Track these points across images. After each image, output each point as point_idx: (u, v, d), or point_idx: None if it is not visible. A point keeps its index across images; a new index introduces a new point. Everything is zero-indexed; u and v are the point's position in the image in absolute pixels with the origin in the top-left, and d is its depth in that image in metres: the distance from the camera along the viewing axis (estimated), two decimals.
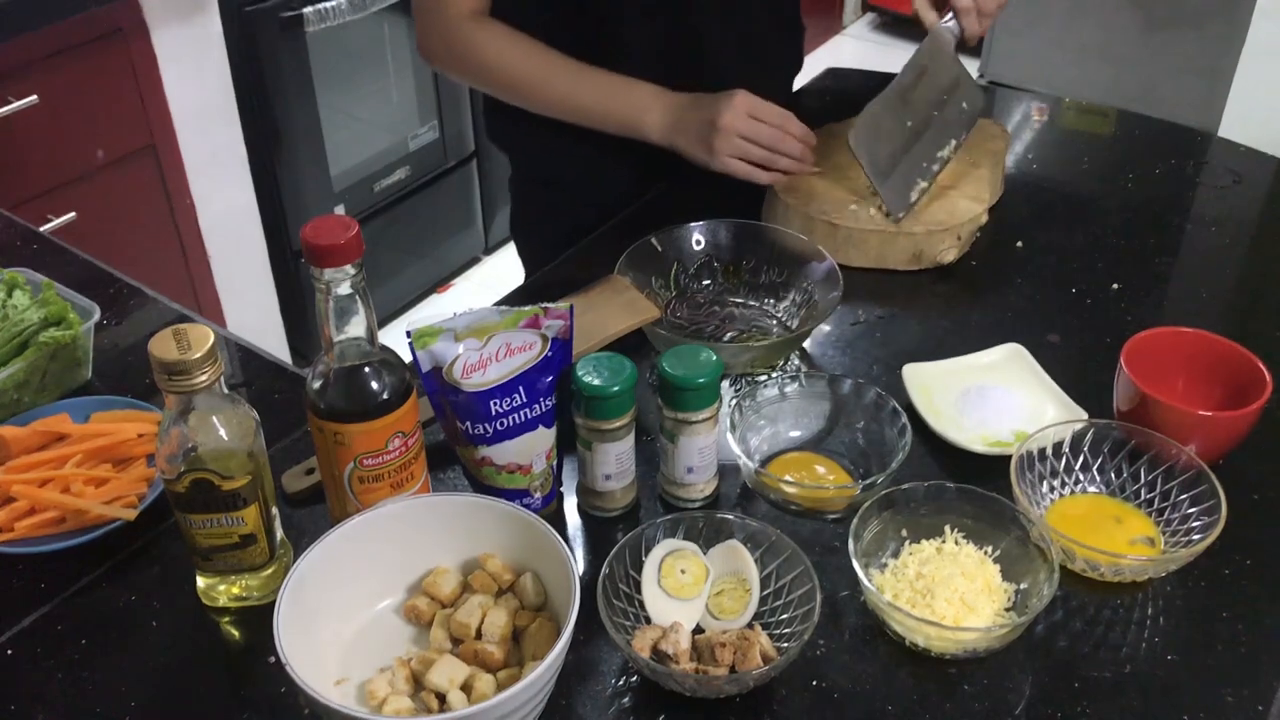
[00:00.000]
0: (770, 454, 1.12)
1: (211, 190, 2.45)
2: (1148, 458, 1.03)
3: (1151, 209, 1.51)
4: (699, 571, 0.94)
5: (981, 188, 1.42)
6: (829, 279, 1.25)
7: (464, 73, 1.45)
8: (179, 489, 0.89)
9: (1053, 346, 1.25)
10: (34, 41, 2.02)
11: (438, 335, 0.95)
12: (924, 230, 1.35)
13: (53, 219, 2.15)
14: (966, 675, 0.91)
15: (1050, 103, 1.76)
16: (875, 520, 0.97)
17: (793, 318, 1.28)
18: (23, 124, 2.05)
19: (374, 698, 0.85)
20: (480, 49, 1.38)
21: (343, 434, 0.90)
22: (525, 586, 0.92)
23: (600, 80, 1.39)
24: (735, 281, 1.33)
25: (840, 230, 1.36)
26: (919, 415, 1.12)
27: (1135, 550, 1.00)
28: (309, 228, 0.85)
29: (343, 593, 0.91)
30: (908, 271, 1.37)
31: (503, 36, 1.39)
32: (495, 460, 0.98)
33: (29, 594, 0.98)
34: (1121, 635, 0.94)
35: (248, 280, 2.65)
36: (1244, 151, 1.64)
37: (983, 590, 0.93)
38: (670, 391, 0.99)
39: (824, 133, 1.54)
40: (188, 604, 0.97)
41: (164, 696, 0.91)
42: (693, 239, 1.33)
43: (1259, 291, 1.39)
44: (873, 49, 4.52)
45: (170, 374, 0.83)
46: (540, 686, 0.81)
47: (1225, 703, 0.88)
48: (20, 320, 1.15)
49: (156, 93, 2.26)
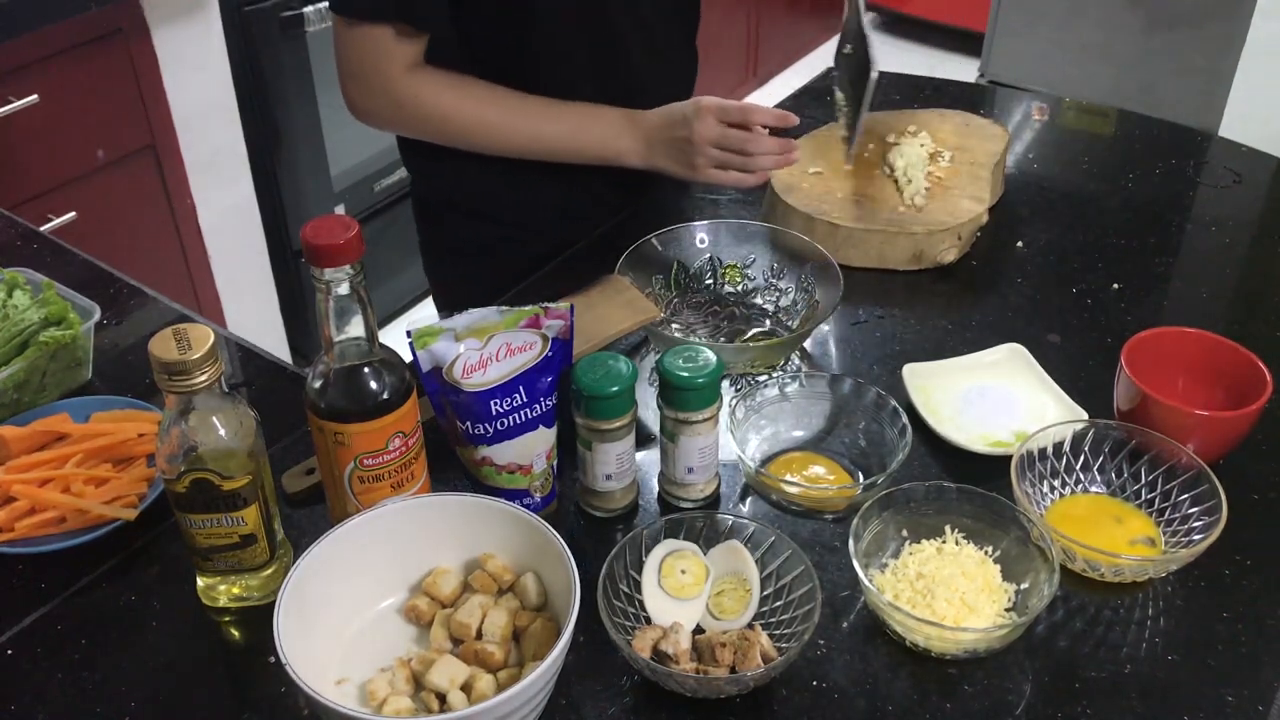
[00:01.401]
0: (770, 454, 1.12)
1: (212, 190, 2.45)
2: (1148, 458, 1.03)
3: (1152, 209, 1.51)
4: (699, 572, 0.94)
5: (982, 188, 1.42)
6: (829, 279, 1.25)
7: (416, 129, 1.37)
8: (179, 489, 0.88)
9: (1053, 346, 1.25)
10: (34, 41, 2.02)
11: (438, 335, 0.95)
12: (924, 230, 1.35)
13: (53, 219, 2.14)
14: (967, 675, 0.91)
15: (1050, 103, 1.76)
16: (875, 520, 0.97)
17: (793, 318, 1.28)
18: (23, 124, 2.05)
19: (374, 698, 0.85)
20: (433, 102, 1.31)
21: (343, 434, 0.90)
22: (526, 587, 0.92)
23: (564, 115, 1.35)
24: (735, 281, 1.33)
25: (840, 230, 1.36)
26: (919, 415, 1.12)
27: (1136, 550, 1.00)
28: (309, 227, 0.85)
29: (343, 593, 0.91)
30: (908, 271, 1.37)
31: (451, 85, 1.32)
32: (495, 460, 0.98)
33: (29, 594, 0.98)
34: (1122, 635, 0.94)
35: (248, 280, 2.65)
36: (1244, 151, 1.64)
37: (983, 590, 0.93)
38: (670, 391, 0.99)
39: (825, 132, 1.55)
40: (188, 604, 0.97)
41: (164, 696, 0.91)
42: (693, 239, 1.33)
43: (1259, 291, 1.39)
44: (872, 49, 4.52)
45: (170, 374, 0.83)
46: (540, 687, 0.81)
47: (1225, 703, 0.88)
48: (20, 320, 1.15)
49: (157, 92, 2.26)
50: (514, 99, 1.34)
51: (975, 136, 1.52)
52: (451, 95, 1.32)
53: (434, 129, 1.35)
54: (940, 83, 1.83)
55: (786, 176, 1.43)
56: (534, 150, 1.36)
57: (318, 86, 2.61)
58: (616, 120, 1.35)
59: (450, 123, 1.33)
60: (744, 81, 4.18)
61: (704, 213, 1.45)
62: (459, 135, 1.35)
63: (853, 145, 1.40)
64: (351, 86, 1.32)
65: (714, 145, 1.29)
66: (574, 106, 1.35)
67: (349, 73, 1.31)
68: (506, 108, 1.34)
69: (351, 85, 1.32)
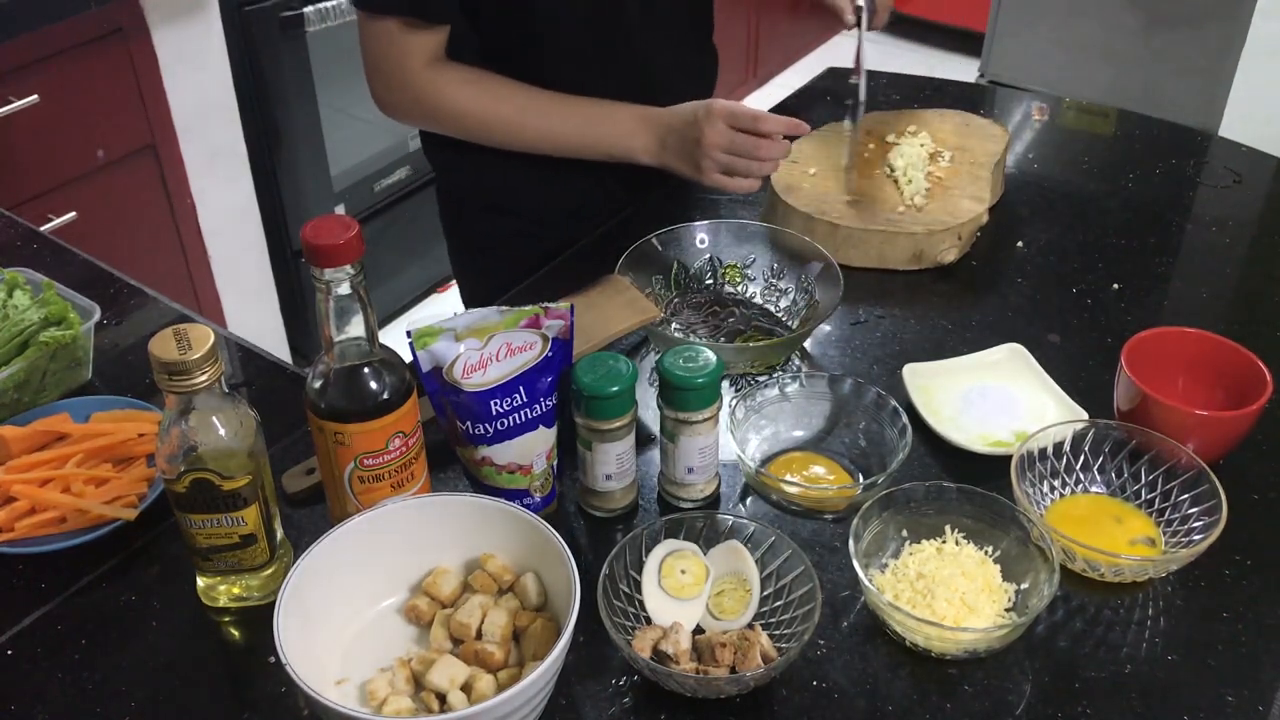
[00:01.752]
0: (770, 454, 1.11)
1: (212, 190, 2.45)
2: (1148, 458, 1.03)
3: (1152, 209, 1.51)
4: (699, 572, 0.94)
5: (982, 188, 1.42)
6: (829, 278, 1.25)
7: (435, 122, 1.39)
8: (179, 489, 0.88)
9: (1053, 346, 1.25)
10: (34, 41, 2.02)
11: (438, 335, 0.95)
12: (925, 230, 1.35)
13: (53, 219, 2.14)
14: (967, 675, 0.91)
15: (1050, 102, 1.76)
16: (875, 520, 0.97)
17: (793, 318, 1.28)
18: (23, 124, 2.05)
19: (374, 698, 0.85)
20: (451, 97, 1.33)
21: (343, 434, 0.90)
22: (526, 587, 0.92)
23: (579, 111, 1.36)
24: (736, 281, 1.33)
25: (840, 230, 1.36)
26: (919, 415, 1.12)
27: (1136, 550, 1.00)
28: (309, 227, 0.85)
29: (343, 593, 0.91)
30: (908, 271, 1.37)
31: (470, 80, 1.34)
32: (495, 460, 0.98)
33: (29, 594, 0.98)
34: (1122, 635, 0.94)
35: (248, 280, 2.65)
36: (1244, 151, 1.64)
37: (983, 590, 0.93)
38: (670, 391, 0.99)
39: (826, 131, 1.55)
40: (188, 604, 0.97)
41: (164, 696, 0.91)
42: (694, 239, 1.33)
43: (1259, 291, 1.39)
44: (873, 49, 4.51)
45: (170, 374, 0.83)
46: (540, 687, 0.81)
47: (1226, 703, 0.88)
48: (20, 320, 1.15)
49: (157, 92, 2.26)
50: (529, 95, 1.35)
51: (975, 136, 1.52)
52: (470, 91, 1.34)
53: (453, 124, 1.37)
54: (940, 83, 1.83)
55: (786, 176, 1.43)
56: (549, 147, 1.38)
57: (318, 86, 2.61)
58: (629, 119, 1.36)
59: (468, 118, 1.36)
60: (744, 82, 4.18)
61: (705, 213, 1.45)
62: (477, 130, 1.37)
63: (850, 172, 1.44)
64: (375, 80, 1.35)
65: (723, 150, 1.30)
66: (588, 104, 1.37)
67: (372, 66, 1.35)
68: (522, 104, 1.35)
69: (375, 79, 1.35)
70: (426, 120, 1.41)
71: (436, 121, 1.39)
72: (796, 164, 1.45)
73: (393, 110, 1.38)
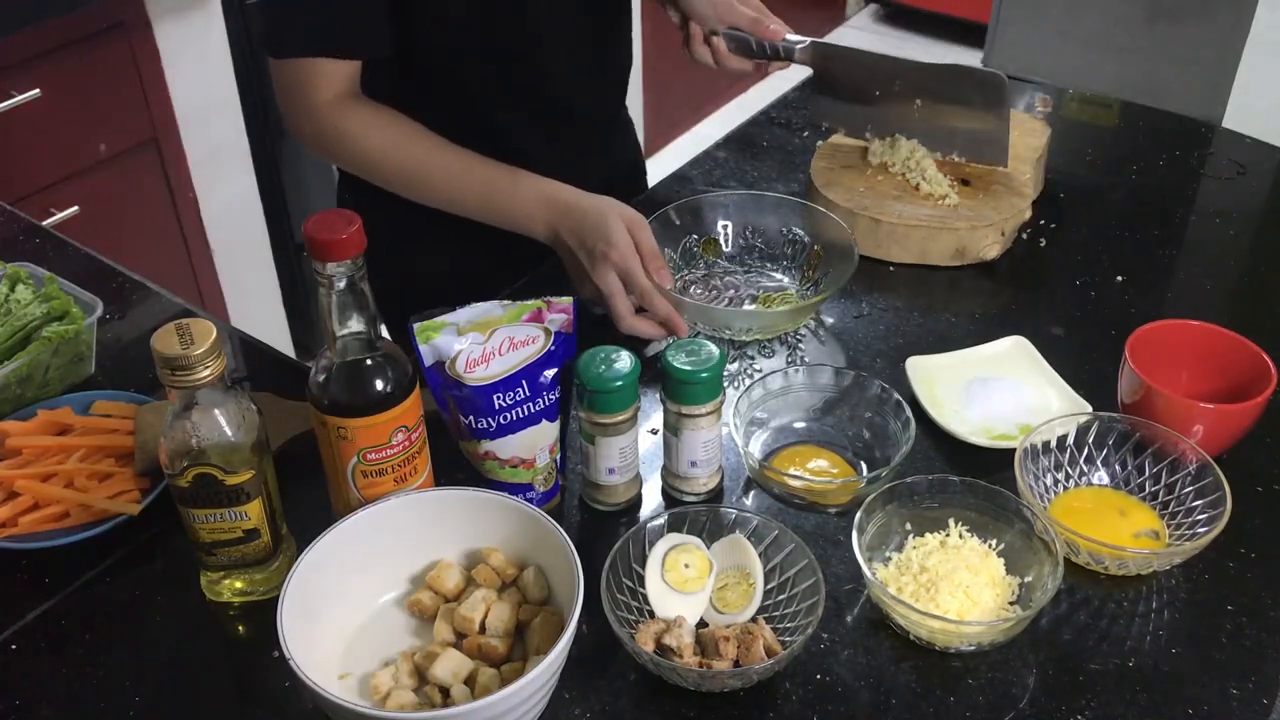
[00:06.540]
0: (774, 447, 1.11)
1: (214, 184, 2.45)
2: (1152, 450, 1.03)
3: (1156, 200, 1.51)
4: (702, 565, 0.94)
5: (1024, 183, 1.42)
6: (841, 246, 1.28)
7: (338, 161, 1.33)
8: (182, 484, 0.88)
9: (1057, 339, 1.25)
10: (36, 35, 2.02)
11: (441, 329, 0.95)
12: (968, 226, 1.34)
13: (55, 213, 2.14)
14: (970, 668, 0.91)
15: (1054, 94, 1.76)
16: (879, 513, 0.97)
17: (809, 285, 1.32)
18: (25, 118, 2.05)
19: (377, 692, 0.85)
20: (352, 140, 1.25)
21: (346, 428, 0.90)
22: (529, 581, 0.92)
23: (482, 177, 1.27)
24: (749, 254, 1.37)
25: (883, 226, 1.36)
26: (923, 408, 1.12)
27: (1140, 543, 0.99)
28: (312, 222, 0.85)
29: (346, 587, 0.91)
30: (911, 265, 1.37)
31: (375, 125, 1.26)
32: (498, 454, 0.98)
33: (33, 589, 0.98)
34: (1126, 628, 0.94)
35: (251, 274, 2.65)
36: (1249, 143, 1.63)
37: (987, 584, 0.93)
38: (674, 385, 0.99)
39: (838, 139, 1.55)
40: (191, 599, 0.97)
41: (168, 691, 0.91)
42: (710, 217, 1.36)
43: (1264, 283, 1.39)
44: (875, 40, 4.51)
45: (173, 369, 0.83)
46: (544, 681, 0.81)
47: (1230, 696, 0.88)
48: (23, 315, 1.15)
49: (159, 86, 2.26)
50: (435, 149, 1.27)
51: (1016, 131, 1.51)
52: (374, 138, 1.26)
53: (355, 167, 1.31)
54: None
55: (826, 173, 1.43)
56: (449, 207, 1.30)
57: None
58: (530, 198, 1.26)
59: (369, 165, 1.29)
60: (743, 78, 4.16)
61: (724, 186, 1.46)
62: (379, 179, 1.30)
63: None
64: (283, 101, 1.27)
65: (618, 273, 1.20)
66: (492, 169, 1.28)
67: (278, 93, 1.27)
68: (425, 157, 1.27)
69: (283, 99, 1.27)
70: (330, 157, 1.33)
71: (340, 160, 1.32)
72: None
73: (298, 137, 1.29)
